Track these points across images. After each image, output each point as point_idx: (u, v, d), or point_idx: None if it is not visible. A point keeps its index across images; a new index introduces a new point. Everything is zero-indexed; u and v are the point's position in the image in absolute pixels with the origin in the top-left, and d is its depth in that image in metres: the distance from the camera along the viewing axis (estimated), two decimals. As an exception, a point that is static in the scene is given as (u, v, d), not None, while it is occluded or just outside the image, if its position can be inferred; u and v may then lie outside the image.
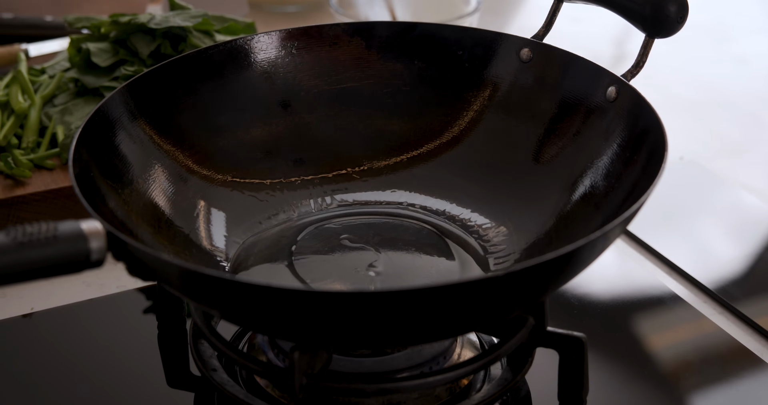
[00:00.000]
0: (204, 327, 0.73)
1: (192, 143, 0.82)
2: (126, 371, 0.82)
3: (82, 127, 0.72)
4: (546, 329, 0.74)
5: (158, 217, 0.76)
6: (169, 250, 0.75)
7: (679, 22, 0.76)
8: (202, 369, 0.75)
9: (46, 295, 0.89)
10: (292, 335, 0.66)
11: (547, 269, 0.62)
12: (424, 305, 0.60)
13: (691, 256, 0.96)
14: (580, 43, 1.36)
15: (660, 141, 0.71)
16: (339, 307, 0.59)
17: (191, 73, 0.82)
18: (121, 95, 0.77)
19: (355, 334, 0.64)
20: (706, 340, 0.86)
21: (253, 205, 0.83)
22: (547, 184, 0.80)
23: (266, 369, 0.70)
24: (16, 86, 1.01)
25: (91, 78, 1.02)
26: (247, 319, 0.66)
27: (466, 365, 0.70)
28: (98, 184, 0.71)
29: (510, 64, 0.85)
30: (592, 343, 0.78)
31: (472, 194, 0.84)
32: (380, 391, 0.69)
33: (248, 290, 0.60)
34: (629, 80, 0.78)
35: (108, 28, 1.04)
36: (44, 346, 0.85)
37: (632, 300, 0.90)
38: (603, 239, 0.63)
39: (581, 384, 0.75)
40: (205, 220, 0.80)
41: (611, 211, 0.72)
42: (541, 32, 0.84)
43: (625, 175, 0.74)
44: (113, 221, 0.68)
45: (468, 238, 0.82)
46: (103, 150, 0.74)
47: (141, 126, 0.78)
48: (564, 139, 0.81)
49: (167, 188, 0.78)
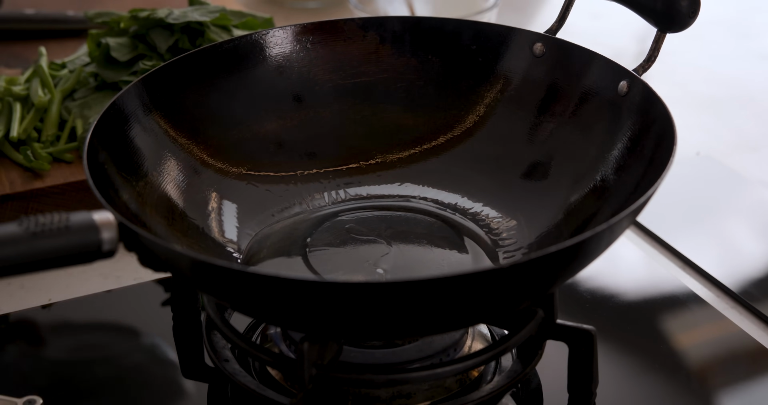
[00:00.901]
0: (216, 318, 0.74)
1: (206, 137, 0.83)
2: (142, 362, 0.83)
3: (97, 120, 0.73)
4: (555, 322, 0.74)
5: (172, 210, 0.77)
6: (182, 242, 0.76)
7: (690, 16, 0.76)
8: (215, 359, 0.76)
9: (65, 287, 0.90)
10: (301, 326, 0.67)
11: (553, 261, 0.62)
12: (433, 296, 0.60)
13: (707, 252, 0.96)
14: (600, 39, 1.37)
15: (669, 133, 0.71)
16: (346, 297, 0.60)
17: (206, 67, 0.83)
18: (136, 89, 0.78)
19: (362, 325, 0.65)
20: (721, 338, 0.86)
21: (266, 197, 0.84)
22: (558, 178, 0.81)
23: (276, 359, 0.71)
24: (37, 80, 1.02)
25: (111, 72, 1.03)
26: (255, 309, 0.67)
27: (474, 357, 0.71)
28: (112, 177, 0.72)
29: (523, 58, 0.85)
30: (605, 338, 0.79)
31: (484, 187, 0.84)
32: (389, 382, 0.69)
33: (255, 281, 0.61)
34: (641, 75, 0.78)
35: (127, 23, 1.05)
36: (62, 336, 0.86)
37: (647, 296, 0.90)
38: (609, 232, 0.64)
39: (590, 377, 0.75)
40: (218, 212, 0.81)
41: (619, 204, 0.73)
42: (555, 27, 0.85)
43: (635, 168, 0.74)
44: (126, 213, 0.69)
45: (479, 231, 0.82)
46: (117, 143, 0.75)
47: (156, 119, 0.79)
48: (575, 133, 0.81)
49: (181, 181, 0.79)
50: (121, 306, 0.89)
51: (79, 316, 0.88)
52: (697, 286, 0.92)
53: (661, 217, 1.00)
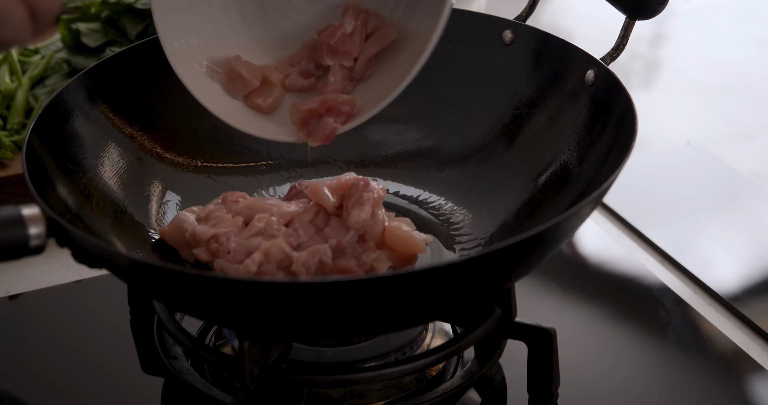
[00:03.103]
0: (163, 314, 0.72)
1: (161, 127, 0.80)
2: (104, 356, 0.81)
3: (38, 114, 0.70)
4: (513, 320, 0.71)
5: (118, 205, 0.75)
6: (129, 239, 0.73)
7: (660, 3, 0.73)
8: (163, 357, 0.74)
9: (24, 278, 0.89)
10: (238, 325, 0.64)
11: (504, 256, 0.59)
12: (372, 296, 0.58)
13: (684, 246, 0.93)
14: (599, 23, 1.33)
15: (630, 125, 0.68)
16: (278, 297, 0.58)
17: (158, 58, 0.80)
18: (82, 81, 0.75)
19: (301, 325, 0.63)
20: (697, 339, 0.83)
21: (219, 190, 0.81)
22: (520, 168, 0.78)
23: (218, 358, 0.68)
24: (5, 67, 1.00)
25: (81, 59, 1.01)
26: (186, 307, 0.64)
27: (423, 357, 0.68)
28: (50, 171, 0.69)
29: (492, 45, 0.82)
30: (570, 336, 0.76)
31: (444, 178, 0.82)
32: (334, 383, 0.67)
33: (184, 279, 0.58)
34: (608, 63, 0.75)
35: (98, 9, 1.03)
36: (21, 329, 0.84)
37: (620, 292, 0.88)
38: (563, 225, 0.61)
39: (551, 377, 0.73)
40: (169, 208, 0.79)
41: (578, 195, 0.70)
42: (524, 13, 0.82)
43: (595, 159, 0.72)
44: (60, 207, 0.66)
45: (436, 222, 0.79)
46: (60, 137, 0.72)
47: (103, 112, 0.76)
48: (540, 122, 0.78)
49: (130, 175, 0.77)
50: (83, 298, 0.87)
51: (39, 309, 0.86)
52: (675, 282, 0.89)
53: (643, 209, 0.97)
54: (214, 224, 0.71)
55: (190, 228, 0.72)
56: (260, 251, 0.67)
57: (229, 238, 0.69)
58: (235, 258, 0.68)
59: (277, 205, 0.72)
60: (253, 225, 0.70)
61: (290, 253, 0.68)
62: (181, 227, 0.74)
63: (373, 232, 0.70)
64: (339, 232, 0.70)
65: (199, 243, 0.70)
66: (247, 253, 0.68)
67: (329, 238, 0.69)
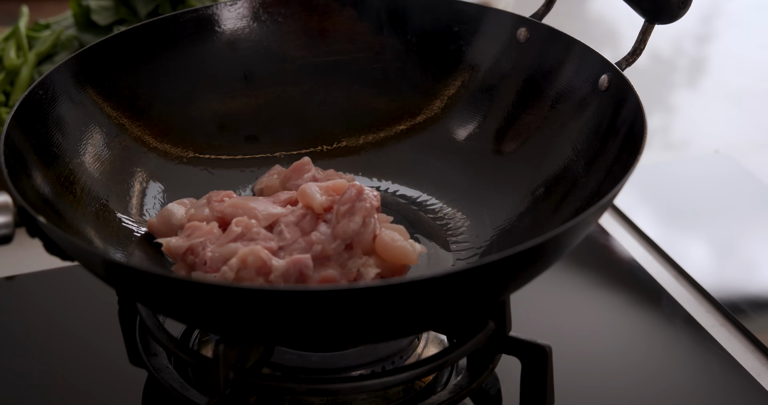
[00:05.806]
0: (143, 310, 0.69)
1: (152, 115, 0.77)
2: (93, 343, 0.79)
3: (20, 100, 0.67)
4: (507, 335, 0.68)
5: (101, 196, 0.72)
6: (112, 232, 0.70)
7: (681, 7, 0.69)
8: (143, 353, 0.71)
9: (16, 261, 0.86)
10: (208, 329, 0.62)
11: (491, 272, 0.56)
12: (342, 307, 0.55)
13: (702, 260, 0.89)
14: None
15: (639, 135, 0.64)
16: (228, 302, 0.54)
17: (155, 40, 0.77)
18: (70, 66, 0.72)
19: (277, 332, 0.60)
20: (706, 362, 0.79)
21: (216, 184, 0.78)
22: (524, 174, 0.74)
23: (195, 359, 0.65)
24: (13, 41, 0.98)
25: (90, 36, 0.98)
26: (155, 306, 0.62)
27: (409, 370, 0.65)
28: (27, 159, 0.66)
29: (505, 43, 0.78)
30: (567, 355, 0.73)
31: (450, 182, 0.78)
32: (312, 392, 0.64)
33: (146, 279, 0.55)
34: (624, 68, 0.71)
35: (111, -15, 1.00)
36: (11, 312, 0.82)
37: (633, 307, 0.84)
38: (556, 241, 0.57)
39: (544, 395, 0.69)
40: (157, 200, 0.76)
41: (579, 207, 0.67)
42: (541, 11, 0.78)
43: (602, 168, 0.68)
44: (31, 197, 0.63)
45: (436, 228, 0.76)
46: (43, 124, 0.69)
47: (92, 98, 0.73)
48: (549, 126, 0.75)
49: (117, 165, 0.74)
50: (72, 285, 0.85)
51: (29, 294, 0.84)
52: (689, 299, 0.85)
53: (663, 220, 0.93)
54: (189, 235, 0.67)
55: (169, 241, 0.69)
56: (237, 257, 0.64)
57: (204, 247, 0.66)
58: (212, 267, 0.65)
59: (263, 205, 0.69)
60: (230, 230, 0.67)
61: (268, 261, 0.64)
62: (169, 220, 0.71)
63: (362, 241, 0.67)
64: (326, 239, 0.66)
65: (175, 258, 0.68)
66: (224, 261, 0.65)
67: (314, 244, 0.66)
